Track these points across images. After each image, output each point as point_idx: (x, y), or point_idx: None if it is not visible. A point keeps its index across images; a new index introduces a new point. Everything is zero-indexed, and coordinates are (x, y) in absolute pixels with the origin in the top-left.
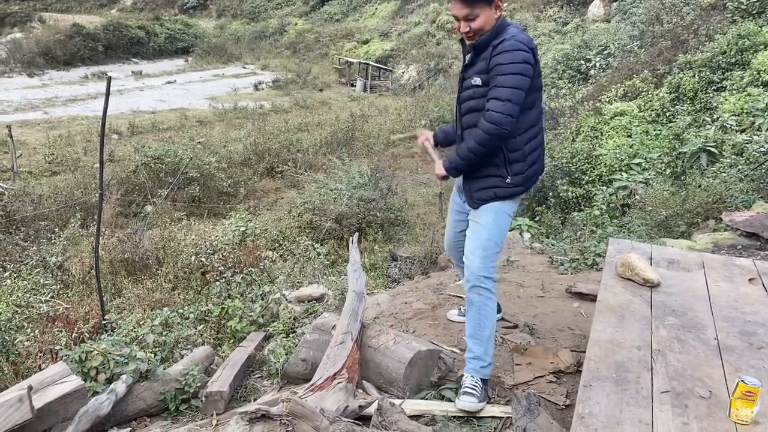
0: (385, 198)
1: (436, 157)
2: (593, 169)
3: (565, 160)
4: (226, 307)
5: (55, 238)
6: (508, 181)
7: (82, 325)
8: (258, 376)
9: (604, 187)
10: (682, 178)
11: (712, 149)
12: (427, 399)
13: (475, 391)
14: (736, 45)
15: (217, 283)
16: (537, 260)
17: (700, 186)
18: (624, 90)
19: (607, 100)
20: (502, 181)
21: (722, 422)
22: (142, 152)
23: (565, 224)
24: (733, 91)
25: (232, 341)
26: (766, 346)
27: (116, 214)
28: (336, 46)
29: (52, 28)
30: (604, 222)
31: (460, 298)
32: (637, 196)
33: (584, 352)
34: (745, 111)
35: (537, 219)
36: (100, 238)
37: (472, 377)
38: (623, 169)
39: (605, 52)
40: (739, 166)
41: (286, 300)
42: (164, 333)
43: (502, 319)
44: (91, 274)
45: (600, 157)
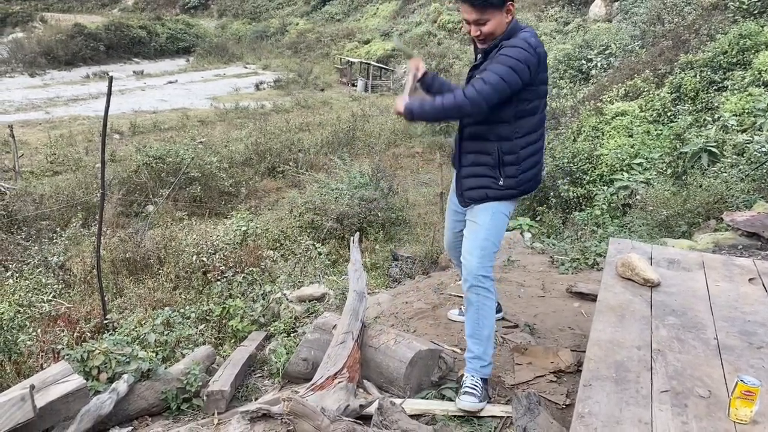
0: (386, 198)
1: (407, 90)
2: (594, 168)
3: (567, 160)
4: (227, 306)
5: (57, 238)
6: (501, 183)
7: (84, 325)
8: (259, 375)
9: (605, 187)
10: (683, 178)
11: (713, 149)
12: (428, 398)
13: (476, 390)
14: (738, 45)
15: (219, 282)
16: (538, 260)
17: (701, 186)
18: (625, 90)
19: (609, 99)
20: (495, 183)
21: (721, 422)
22: (143, 152)
23: (566, 224)
24: (735, 91)
25: (233, 341)
26: (766, 345)
27: (118, 214)
28: (337, 46)
29: (54, 28)
30: (605, 222)
31: (461, 297)
32: (638, 196)
33: (585, 351)
34: (746, 111)
35: (538, 219)
36: (102, 238)
37: (473, 377)
38: (624, 168)
39: (606, 52)
40: (740, 166)
41: (287, 300)
42: (166, 332)
43: (503, 318)
44: (92, 273)
45: (601, 157)
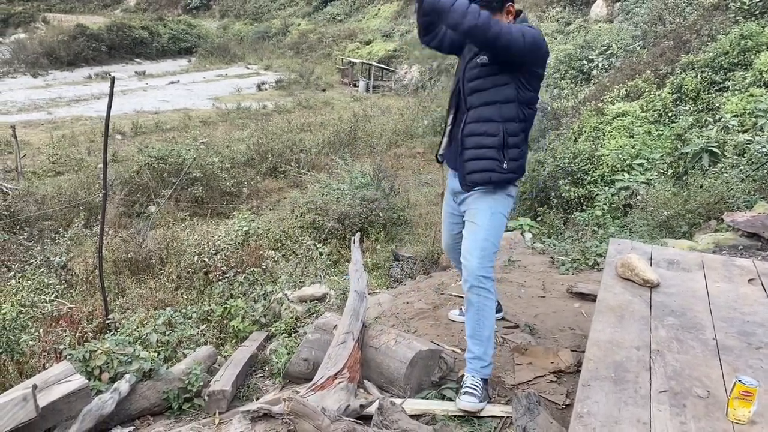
0: (387, 198)
1: None
2: (595, 169)
3: (568, 161)
4: (228, 306)
5: (59, 238)
6: (505, 166)
7: (86, 325)
8: (260, 375)
9: (606, 188)
10: (684, 178)
11: (714, 150)
12: (428, 398)
13: (476, 390)
14: (739, 45)
15: (220, 283)
16: (538, 260)
17: (701, 186)
18: (626, 90)
19: (610, 100)
20: (499, 166)
21: (720, 422)
22: (145, 152)
23: (566, 224)
24: (736, 92)
25: (234, 341)
26: (765, 346)
27: (120, 214)
28: (339, 47)
29: (56, 29)
30: (606, 222)
31: (461, 298)
32: (639, 197)
33: (585, 351)
34: (747, 111)
35: (539, 219)
36: (104, 238)
37: (473, 377)
38: (625, 169)
39: (608, 53)
40: (741, 167)
41: (288, 300)
42: (167, 332)
43: (503, 318)
44: (94, 273)
45: (602, 158)
